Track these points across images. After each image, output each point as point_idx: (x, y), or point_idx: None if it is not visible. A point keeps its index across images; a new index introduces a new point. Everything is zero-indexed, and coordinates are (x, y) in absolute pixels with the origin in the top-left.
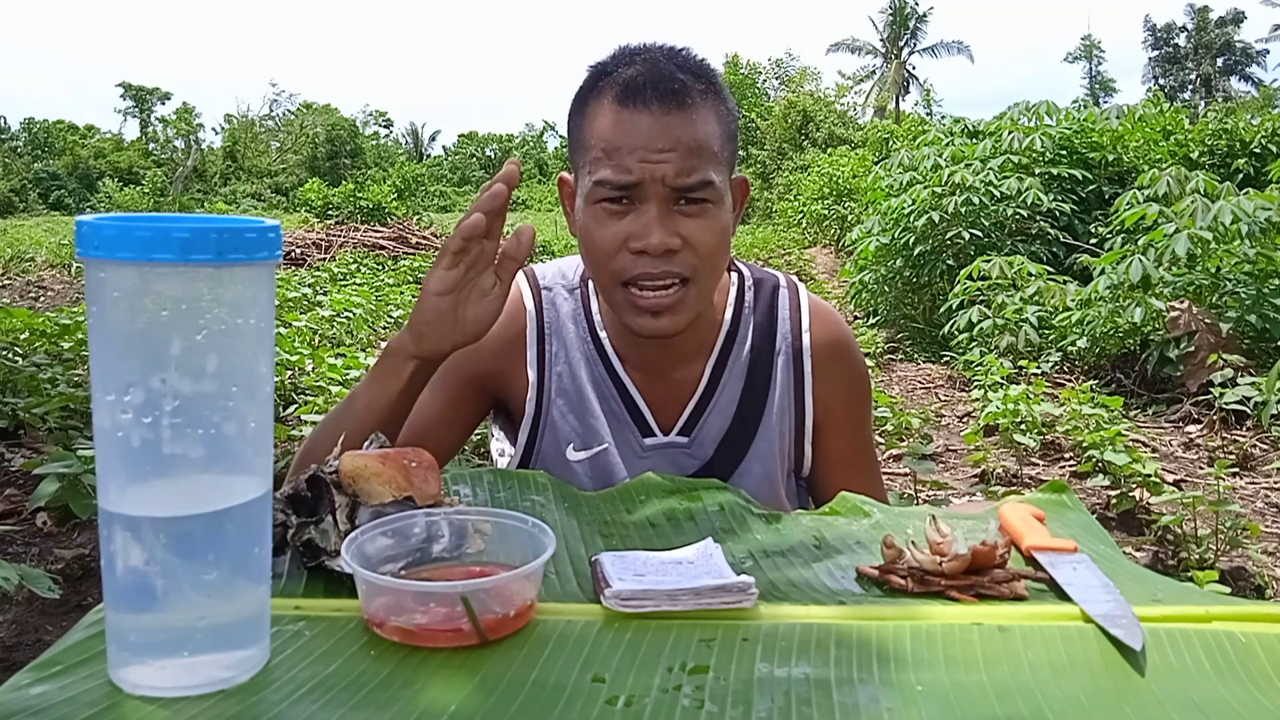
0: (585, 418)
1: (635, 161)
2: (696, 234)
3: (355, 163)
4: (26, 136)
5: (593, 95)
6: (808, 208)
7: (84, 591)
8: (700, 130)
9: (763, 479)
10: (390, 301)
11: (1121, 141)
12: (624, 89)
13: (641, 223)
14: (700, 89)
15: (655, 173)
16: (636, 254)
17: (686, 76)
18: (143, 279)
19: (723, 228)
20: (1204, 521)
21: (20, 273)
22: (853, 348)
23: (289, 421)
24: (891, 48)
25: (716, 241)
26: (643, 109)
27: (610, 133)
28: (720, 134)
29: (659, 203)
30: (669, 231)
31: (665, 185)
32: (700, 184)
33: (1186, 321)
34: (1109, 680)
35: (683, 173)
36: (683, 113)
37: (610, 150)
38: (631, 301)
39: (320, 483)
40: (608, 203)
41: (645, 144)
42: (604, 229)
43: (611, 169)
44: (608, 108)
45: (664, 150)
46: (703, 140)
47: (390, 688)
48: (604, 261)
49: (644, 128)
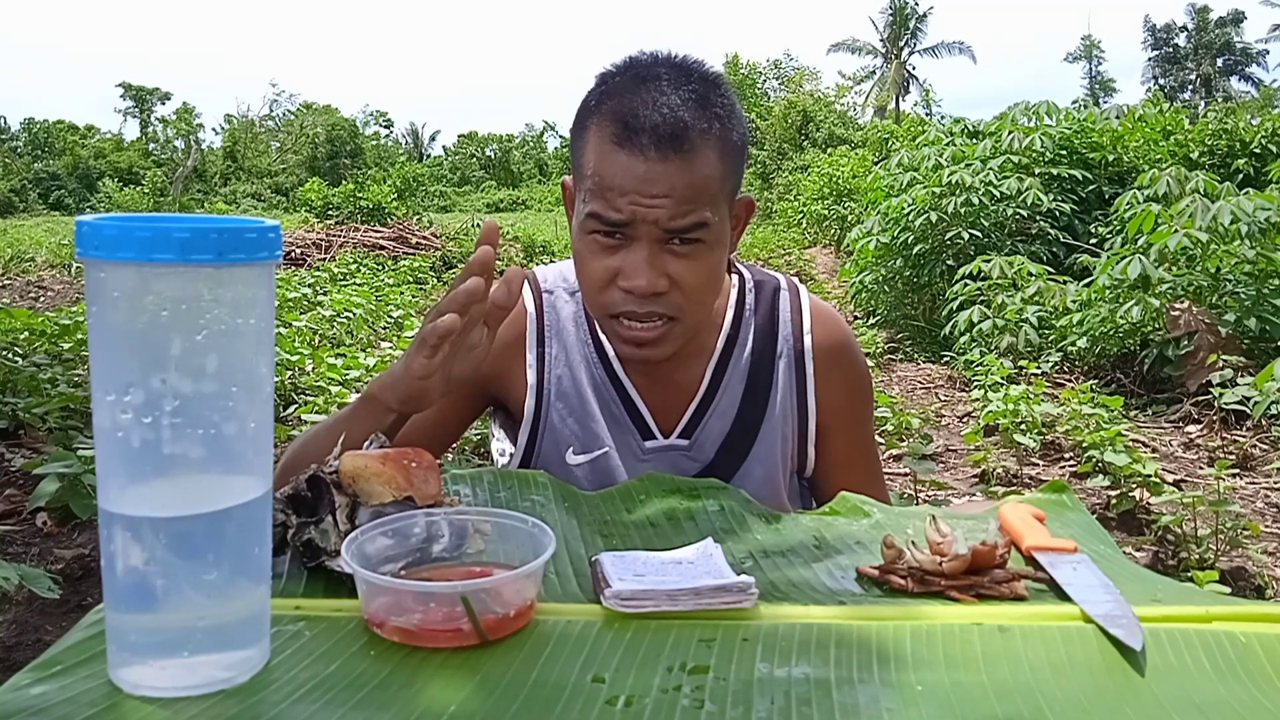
0: (585, 421)
1: (626, 204)
2: (685, 275)
3: (355, 163)
4: (26, 136)
5: (595, 117)
6: (808, 208)
7: (84, 591)
8: (698, 174)
9: (764, 481)
10: (390, 301)
11: (1121, 141)
12: (624, 126)
13: (630, 262)
14: (703, 127)
15: (648, 216)
16: (625, 291)
17: (690, 113)
18: (143, 279)
19: (713, 266)
20: (1204, 521)
21: (20, 273)
22: (854, 349)
23: (289, 421)
24: (891, 48)
25: (705, 281)
26: (638, 153)
27: (604, 170)
28: (721, 172)
29: (650, 243)
30: (657, 273)
31: (658, 227)
32: (693, 225)
33: (1186, 321)
34: (1109, 680)
35: (676, 216)
36: (680, 157)
37: (603, 189)
38: (617, 332)
39: (320, 483)
40: (599, 235)
41: (638, 188)
42: (595, 261)
43: (602, 206)
44: (605, 142)
45: (657, 196)
46: (700, 184)
47: (390, 688)
48: (593, 293)
49: (638, 172)
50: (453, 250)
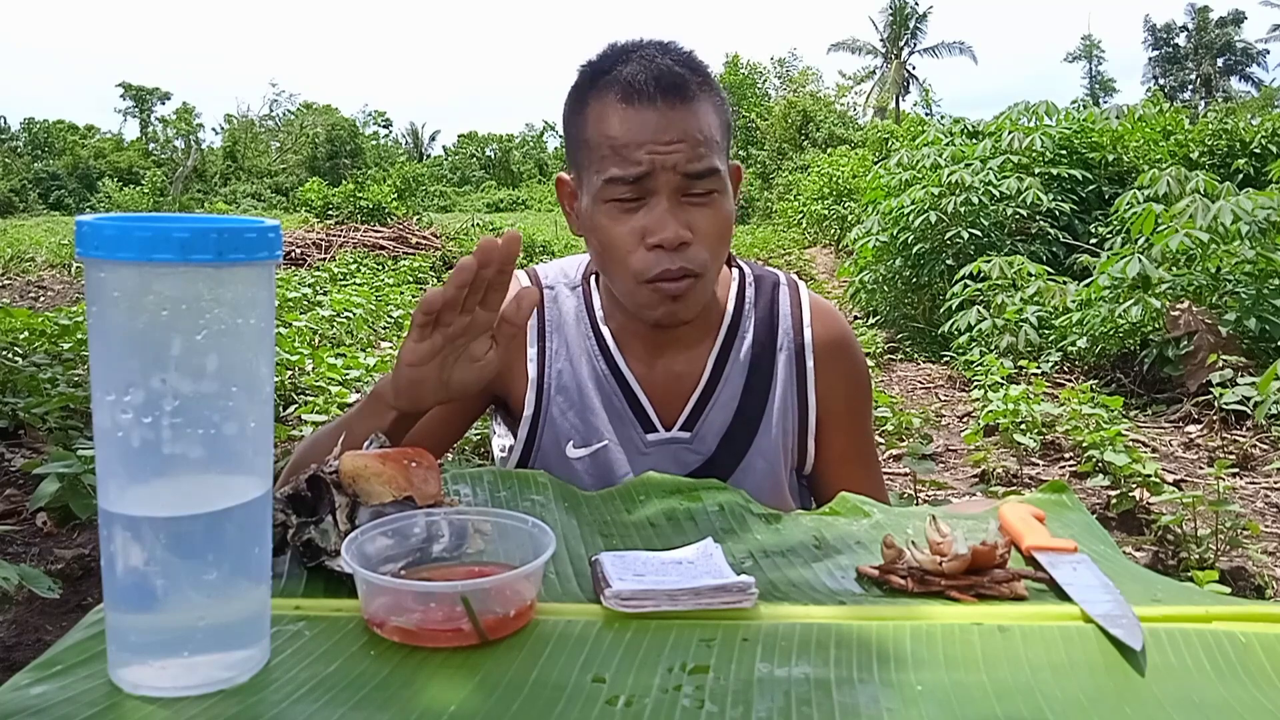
0: (586, 415)
1: (644, 154)
2: (704, 225)
3: (355, 163)
4: (26, 136)
5: (592, 95)
6: (808, 208)
7: (84, 591)
8: (704, 121)
9: (766, 474)
10: (390, 301)
11: (1121, 141)
12: (626, 86)
13: (654, 216)
14: (698, 81)
15: (666, 162)
16: (652, 249)
17: (683, 70)
18: (143, 279)
19: (727, 216)
20: (1204, 521)
21: (20, 273)
22: (854, 345)
23: (289, 421)
24: (891, 48)
25: (723, 231)
26: (648, 105)
27: (617, 130)
28: (719, 123)
29: (669, 194)
30: (681, 223)
31: (676, 173)
32: (708, 171)
33: (1186, 321)
34: (1109, 680)
35: (692, 160)
36: (686, 105)
37: (618, 147)
38: (653, 298)
39: (320, 483)
40: (618, 201)
41: (653, 137)
42: (618, 226)
43: (620, 164)
44: (611, 106)
45: (673, 141)
46: (707, 130)
47: (390, 688)
48: (623, 259)
49: (651, 122)
50: (453, 250)
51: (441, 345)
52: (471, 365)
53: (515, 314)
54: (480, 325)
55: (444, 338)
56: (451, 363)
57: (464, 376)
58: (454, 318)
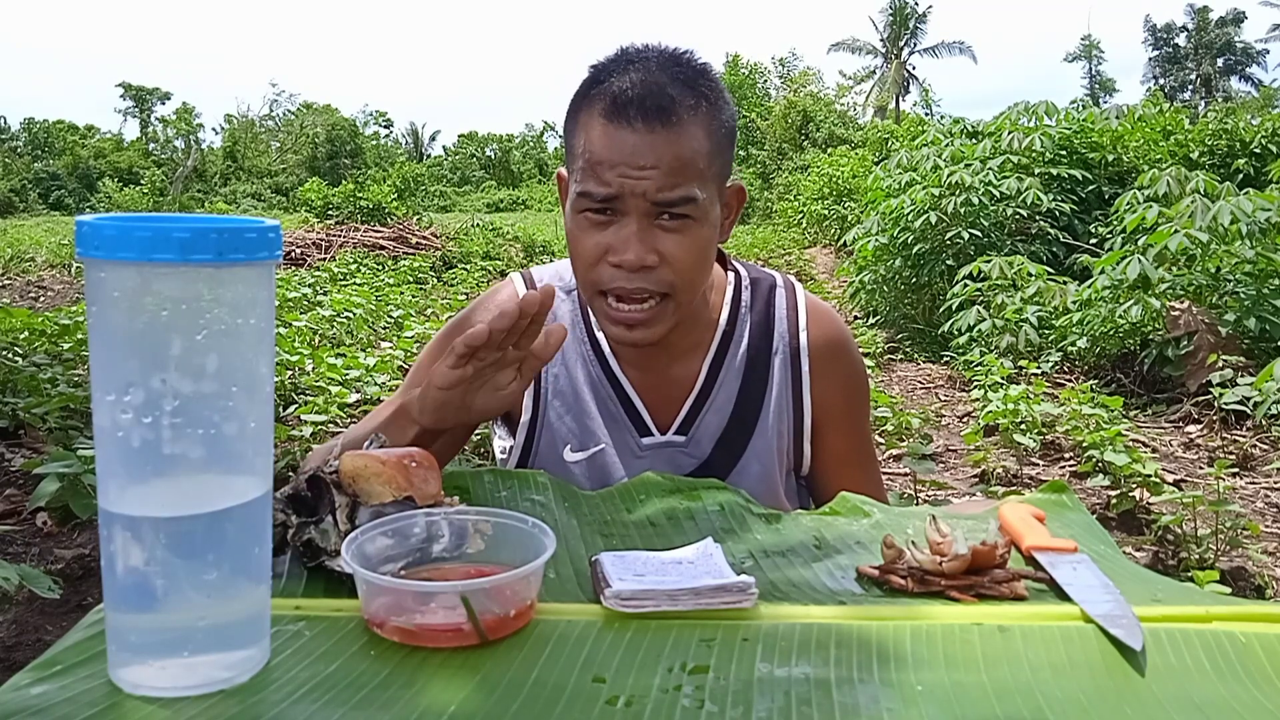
0: (582, 419)
1: (615, 176)
2: (675, 251)
3: (355, 163)
4: (26, 136)
5: (585, 103)
6: (808, 208)
7: (84, 591)
8: (685, 147)
9: (761, 478)
10: (390, 301)
11: (1121, 142)
12: (611, 103)
13: (620, 236)
14: (690, 103)
15: (636, 188)
16: (614, 266)
17: (678, 90)
18: (143, 279)
19: (703, 244)
20: (1204, 521)
21: (20, 273)
22: (850, 346)
23: (289, 421)
24: (891, 48)
25: (695, 259)
26: (626, 126)
27: (594, 146)
28: (708, 149)
29: (639, 217)
30: (647, 248)
31: (646, 200)
32: (682, 199)
33: (1186, 321)
34: (1109, 680)
35: (664, 188)
36: (667, 130)
37: (593, 164)
38: (607, 312)
39: (320, 483)
40: (590, 213)
41: (627, 160)
42: (586, 238)
43: (593, 182)
44: (595, 120)
45: (645, 167)
46: (687, 157)
47: (390, 688)
48: (584, 270)
49: (627, 144)
50: (453, 250)
51: (472, 375)
52: (495, 393)
53: (544, 350)
54: (509, 360)
55: (475, 369)
56: (477, 389)
57: (486, 403)
58: (490, 354)
